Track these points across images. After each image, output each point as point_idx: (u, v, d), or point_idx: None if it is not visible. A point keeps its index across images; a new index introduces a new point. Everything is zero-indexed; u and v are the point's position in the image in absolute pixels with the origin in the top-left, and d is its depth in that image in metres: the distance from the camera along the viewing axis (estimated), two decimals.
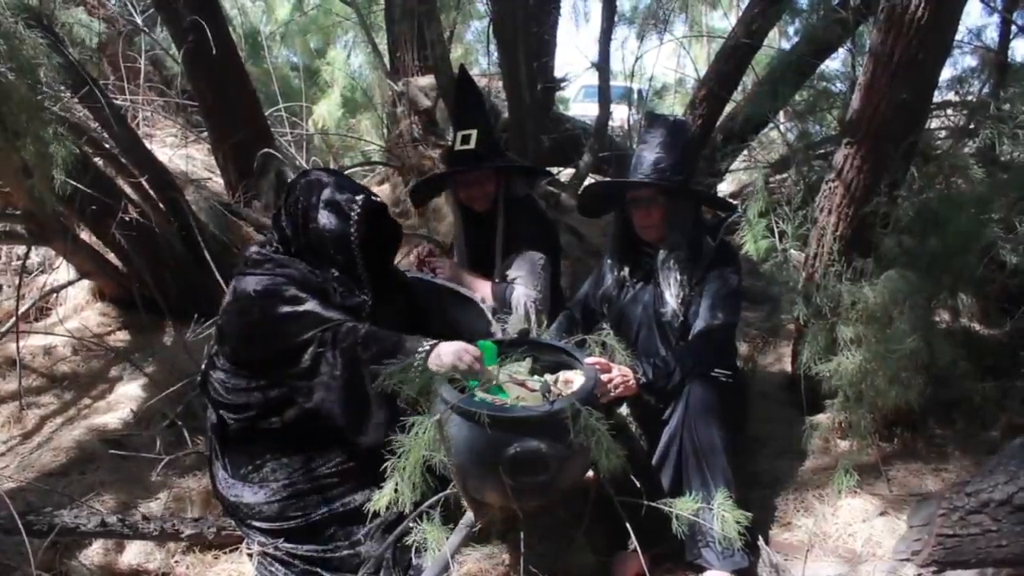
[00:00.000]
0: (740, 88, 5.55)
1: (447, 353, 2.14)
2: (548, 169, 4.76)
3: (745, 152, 5.54)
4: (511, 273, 3.02)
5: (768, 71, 5.13)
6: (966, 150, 3.20)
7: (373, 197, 2.43)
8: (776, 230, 2.80)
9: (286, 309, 2.27)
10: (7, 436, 3.29)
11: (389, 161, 5.43)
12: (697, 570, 2.37)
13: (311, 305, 2.29)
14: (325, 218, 2.37)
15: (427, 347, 2.17)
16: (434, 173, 3.87)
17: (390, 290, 2.60)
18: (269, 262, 2.40)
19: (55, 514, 2.33)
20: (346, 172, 5.46)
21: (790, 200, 2.86)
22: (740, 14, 5.46)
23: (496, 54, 4.56)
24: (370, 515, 2.10)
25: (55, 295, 4.22)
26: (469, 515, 2.14)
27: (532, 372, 2.23)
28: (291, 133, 6.43)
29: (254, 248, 2.51)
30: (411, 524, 2.10)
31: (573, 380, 2.12)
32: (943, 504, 2.10)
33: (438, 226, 4.67)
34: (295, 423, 2.35)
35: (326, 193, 2.40)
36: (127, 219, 3.50)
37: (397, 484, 1.88)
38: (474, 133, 3.00)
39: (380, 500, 1.93)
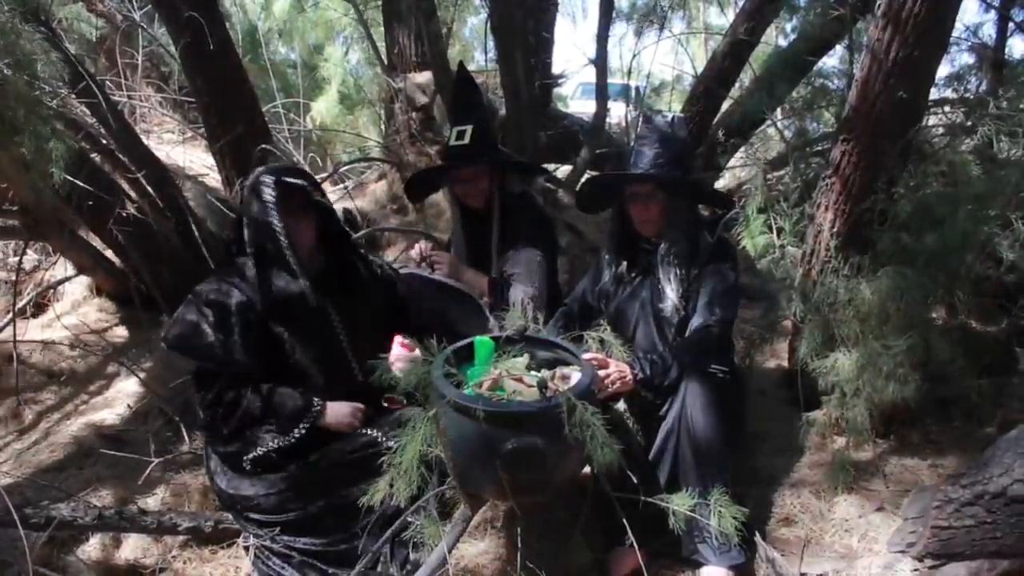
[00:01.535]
0: (738, 85, 5.54)
1: (339, 414, 2.37)
2: (545, 166, 4.77)
3: (743, 149, 5.54)
4: (508, 270, 3.02)
5: (766, 68, 5.14)
6: (963, 147, 3.21)
7: (290, 177, 2.36)
8: (774, 227, 2.81)
9: (204, 327, 2.32)
10: (5, 432, 3.30)
11: (386, 157, 5.43)
12: (694, 566, 2.37)
13: (211, 338, 2.31)
14: (253, 207, 2.35)
15: (314, 413, 2.35)
16: (428, 167, 3.86)
17: (354, 286, 2.58)
18: (228, 265, 2.45)
19: (52, 508, 2.33)
20: (343, 168, 5.51)
21: (788, 197, 2.87)
22: (738, 11, 5.46)
23: (494, 51, 4.55)
24: (366, 509, 2.11)
25: (52, 291, 4.22)
26: (466, 510, 2.15)
27: (529, 368, 2.23)
28: (289, 129, 6.42)
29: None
30: (408, 519, 2.10)
31: (570, 376, 2.12)
32: (938, 496, 2.11)
33: (436, 222, 4.67)
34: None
35: (252, 180, 2.39)
36: (124, 215, 3.50)
37: (393, 479, 1.89)
38: (469, 129, 3.00)
39: (376, 494, 1.93)
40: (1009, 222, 2.74)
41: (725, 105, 5.49)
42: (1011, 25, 4.13)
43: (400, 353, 2.35)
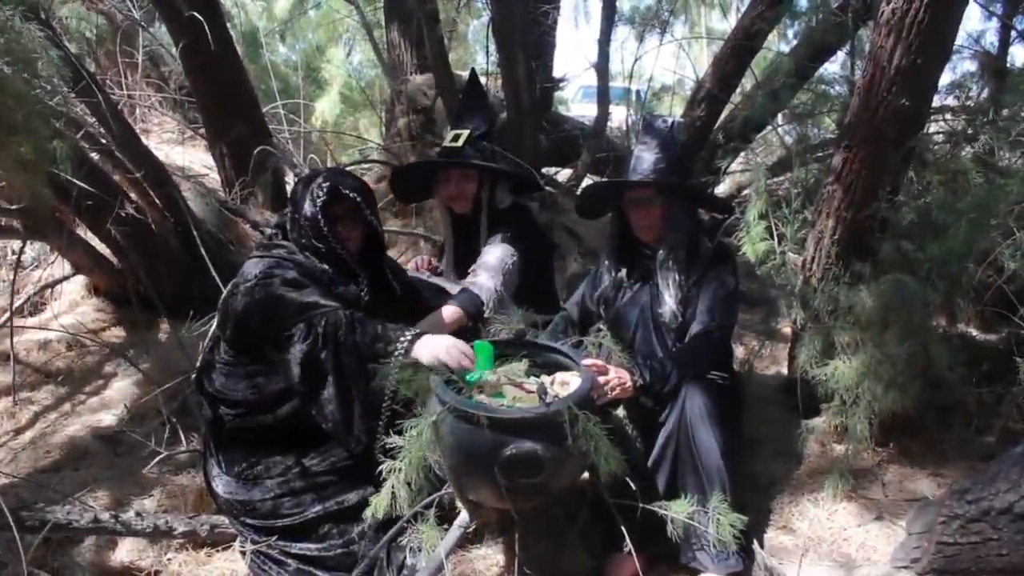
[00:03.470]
0: (739, 90, 5.54)
1: (436, 346, 2.15)
2: (545, 170, 4.75)
3: (743, 154, 5.53)
4: (480, 258, 2.96)
5: (767, 74, 5.13)
6: (965, 155, 3.20)
7: (344, 188, 2.40)
8: (775, 233, 2.80)
9: (284, 291, 2.28)
10: (1, 431, 3.28)
11: (387, 159, 5.42)
12: (692, 573, 2.36)
13: (309, 292, 2.30)
14: (305, 207, 2.39)
15: (409, 336, 2.18)
16: (413, 162, 3.81)
17: (386, 289, 2.59)
18: (277, 247, 2.45)
19: (48, 510, 2.32)
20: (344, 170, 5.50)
21: (789, 203, 2.86)
22: (740, 16, 5.46)
23: (495, 53, 4.56)
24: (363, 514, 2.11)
25: (50, 290, 4.21)
26: (464, 515, 2.14)
27: (528, 373, 2.22)
28: (289, 130, 6.41)
29: (267, 233, 2.56)
30: (406, 524, 2.09)
31: (569, 382, 2.12)
32: (943, 511, 2.09)
33: (437, 226, 4.66)
34: (289, 419, 2.34)
35: (308, 179, 2.45)
36: (123, 215, 3.49)
37: (394, 486, 1.88)
38: (465, 133, 2.99)
39: (379, 503, 1.92)
40: (1011, 231, 2.73)
41: (726, 110, 5.49)
42: (1013, 33, 4.12)
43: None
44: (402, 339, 2.17)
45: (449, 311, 2.71)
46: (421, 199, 3.61)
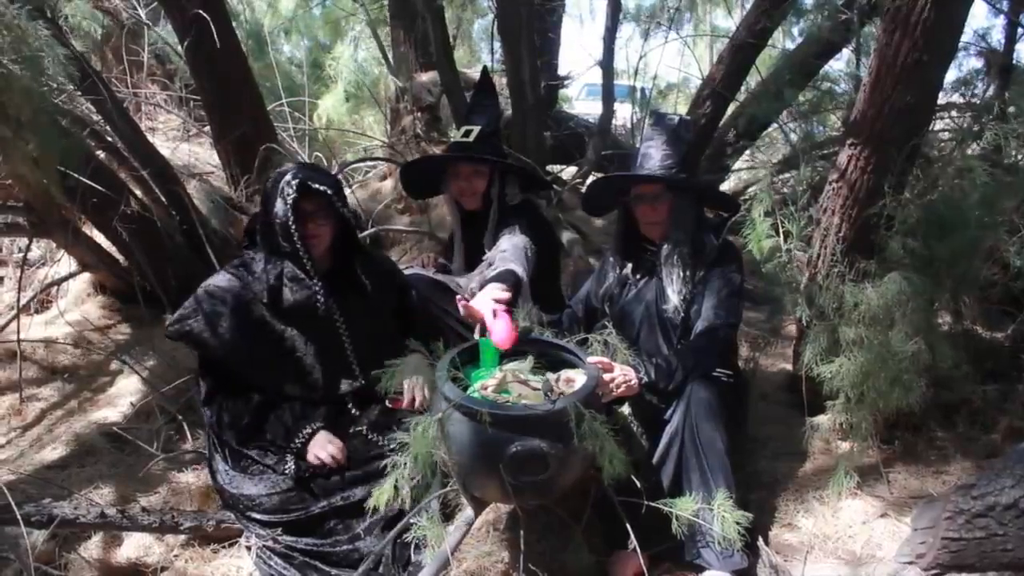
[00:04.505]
0: (744, 88, 5.54)
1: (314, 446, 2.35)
2: (550, 168, 4.74)
3: (748, 151, 5.52)
4: (500, 247, 2.93)
5: (772, 72, 5.13)
6: (971, 152, 3.19)
7: (315, 183, 2.35)
8: (780, 230, 2.80)
9: (189, 309, 2.42)
10: (7, 428, 3.30)
11: (391, 157, 5.42)
12: (696, 570, 2.36)
13: (202, 324, 2.38)
14: (276, 205, 2.36)
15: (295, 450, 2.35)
16: (425, 156, 3.79)
17: (358, 287, 2.57)
18: (237, 258, 2.50)
19: (54, 506, 2.33)
20: (348, 167, 5.50)
21: (794, 200, 2.86)
22: (745, 14, 5.45)
23: (500, 51, 4.56)
24: (371, 511, 2.11)
25: (56, 288, 4.22)
26: (469, 512, 2.14)
27: (534, 371, 2.22)
28: (294, 128, 6.42)
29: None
30: (411, 520, 2.10)
31: (575, 379, 2.12)
32: (948, 507, 2.09)
33: (442, 223, 4.66)
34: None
35: (277, 177, 2.40)
36: (129, 212, 3.49)
37: (397, 481, 1.88)
38: (476, 129, 2.99)
39: (380, 496, 1.92)
40: (1017, 228, 2.73)
41: (731, 108, 5.48)
42: (1019, 30, 4.10)
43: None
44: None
45: (496, 286, 2.69)
46: (431, 195, 3.60)
